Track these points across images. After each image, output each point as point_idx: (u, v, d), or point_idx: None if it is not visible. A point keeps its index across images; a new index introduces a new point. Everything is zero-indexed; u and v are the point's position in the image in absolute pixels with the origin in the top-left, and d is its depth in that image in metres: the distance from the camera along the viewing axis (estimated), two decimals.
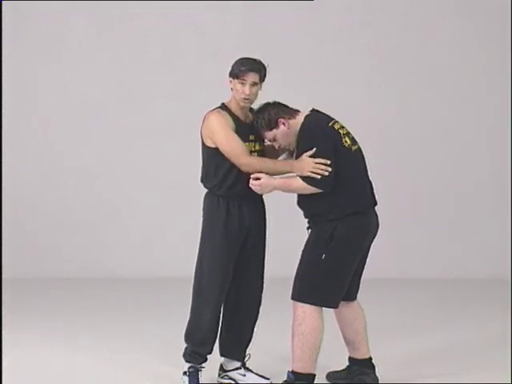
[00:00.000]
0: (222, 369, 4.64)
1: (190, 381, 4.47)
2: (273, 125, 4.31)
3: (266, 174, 4.25)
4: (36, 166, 7.79)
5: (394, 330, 5.75)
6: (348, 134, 4.30)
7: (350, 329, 4.52)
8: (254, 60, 4.33)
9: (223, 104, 4.40)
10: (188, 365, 4.51)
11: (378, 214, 4.44)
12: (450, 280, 7.45)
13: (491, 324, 5.90)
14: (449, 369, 4.84)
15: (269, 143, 4.44)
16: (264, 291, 4.59)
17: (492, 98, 7.79)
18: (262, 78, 4.35)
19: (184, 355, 4.51)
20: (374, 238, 4.42)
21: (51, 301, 6.71)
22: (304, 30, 7.75)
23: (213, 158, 4.35)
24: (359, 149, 4.36)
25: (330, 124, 4.27)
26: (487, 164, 7.85)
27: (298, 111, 4.36)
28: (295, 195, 4.40)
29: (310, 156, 4.16)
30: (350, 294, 4.48)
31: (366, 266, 4.52)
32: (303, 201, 4.35)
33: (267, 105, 4.37)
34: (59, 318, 6.11)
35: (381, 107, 7.73)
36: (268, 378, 4.57)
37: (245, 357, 4.62)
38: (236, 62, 4.34)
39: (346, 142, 4.25)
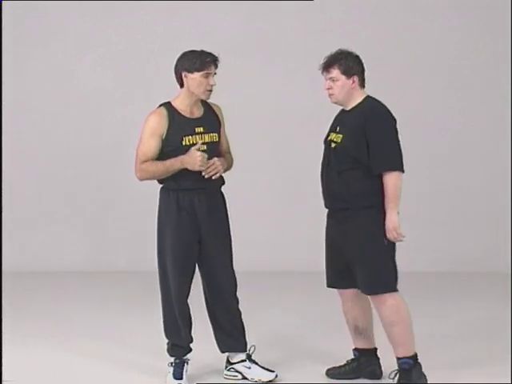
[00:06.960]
0: (228, 361, 4.58)
1: (174, 371, 4.41)
2: (348, 74, 4.24)
3: (158, 175, 4.26)
4: (36, 158, 7.78)
5: None
6: None
7: (364, 316, 4.46)
8: (206, 51, 4.27)
9: (169, 102, 4.35)
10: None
11: None
12: (448, 273, 7.36)
13: (490, 317, 5.81)
14: (447, 362, 4.74)
15: (326, 81, 4.27)
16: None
17: (492, 96, 7.72)
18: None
19: (167, 350, 4.50)
20: None
21: (52, 294, 6.70)
22: (304, 25, 7.72)
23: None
24: None
25: None
26: (486, 156, 7.78)
27: (363, 86, 4.31)
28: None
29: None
30: None
31: None
32: (343, 187, 4.26)
33: (358, 58, 4.29)
34: (60, 312, 6.05)
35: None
36: (273, 371, 4.48)
37: (246, 346, 4.52)
38: (191, 56, 4.25)
39: None
